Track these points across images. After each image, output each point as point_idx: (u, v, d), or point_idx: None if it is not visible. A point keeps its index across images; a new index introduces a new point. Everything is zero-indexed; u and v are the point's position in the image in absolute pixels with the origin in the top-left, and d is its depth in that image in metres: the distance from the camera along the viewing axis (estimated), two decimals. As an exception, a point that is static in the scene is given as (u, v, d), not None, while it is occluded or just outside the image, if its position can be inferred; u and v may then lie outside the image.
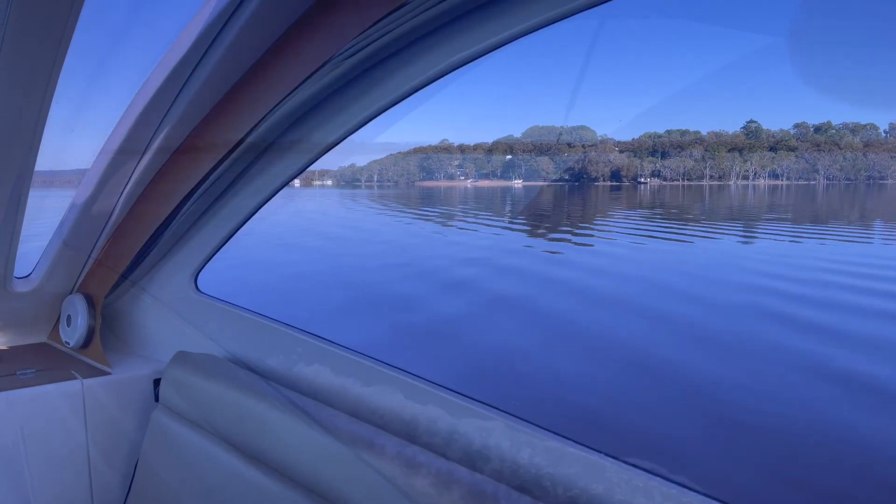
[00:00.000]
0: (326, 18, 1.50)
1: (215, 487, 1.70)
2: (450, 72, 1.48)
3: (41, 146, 1.74)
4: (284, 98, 1.63)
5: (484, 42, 1.37)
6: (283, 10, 1.51)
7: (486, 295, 11.24)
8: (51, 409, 1.93)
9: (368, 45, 1.47)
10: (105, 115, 1.93)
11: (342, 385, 1.79)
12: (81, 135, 1.92)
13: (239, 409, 1.71)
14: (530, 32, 1.32)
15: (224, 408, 1.75)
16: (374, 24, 1.42)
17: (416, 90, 1.54)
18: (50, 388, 1.95)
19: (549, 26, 1.36)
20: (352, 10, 1.46)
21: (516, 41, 1.42)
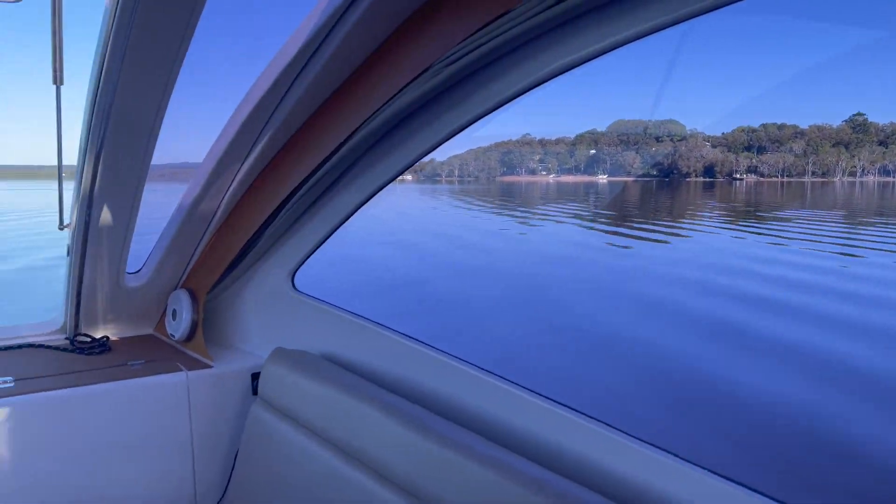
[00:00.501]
0: (429, 25, 1.48)
1: (313, 482, 1.71)
2: (552, 78, 1.42)
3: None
4: (385, 103, 1.62)
5: (590, 48, 1.30)
6: (386, 18, 1.50)
7: (803, 358, 7.10)
8: (158, 399, 1.94)
9: (470, 51, 1.43)
10: (211, 118, 1.97)
11: (437, 388, 1.77)
12: (186, 134, 1.96)
13: (336, 406, 1.66)
14: (637, 39, 1.25)
15: (321, 404, 1.70)
16: (477, 31, 1.39)
17: (518, 96, 1.49)
18: (158, 378, 1.95)
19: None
20: (454, 17, 1.44)
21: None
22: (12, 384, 1.82)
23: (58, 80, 1.65)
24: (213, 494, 2.04)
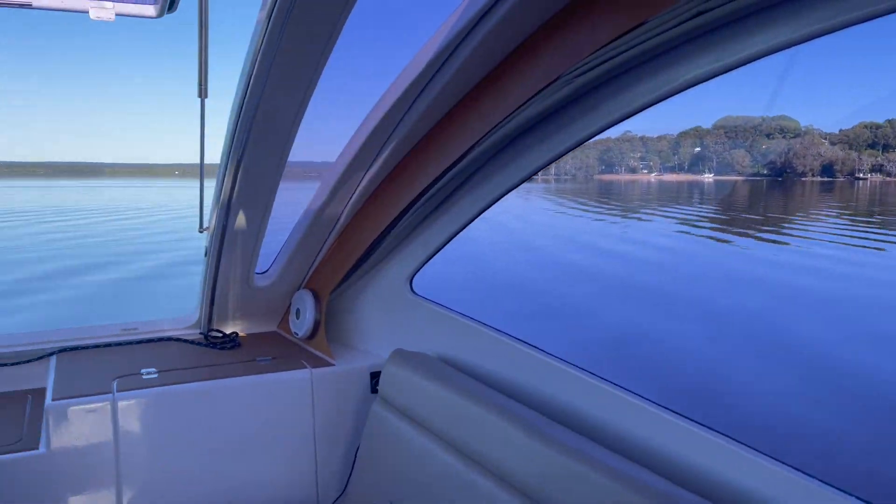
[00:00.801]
0: (558, 37, 1.43)
1: (432, 482, 1.67)
2: (681, 91, 1.36)
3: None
4: (510, 114, 1.57)
5: (728, 60, 1.24)
6: (515, 31, 1.46)
7: None
8: (284, 395, 2.00)
9: (600, 63, 1.37)
10: (339, 121, 2.02)
11: (556, 395, 1.71)
12: (312, 134, 2.01)
13: (456, 408, 1.66)
14: (772, 53, 1.18)
15: (441, 406, 1.71)
16: (609, 42, 1.34)
17: (647, 107, 1.43)
18: (284, 375, 2.02)
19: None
20: (585, 28, 1.41)
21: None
22: (156, 375, 1.94)
23: (202, 93, 1.73)
24: (335, 489, 2.09)
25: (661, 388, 6.04)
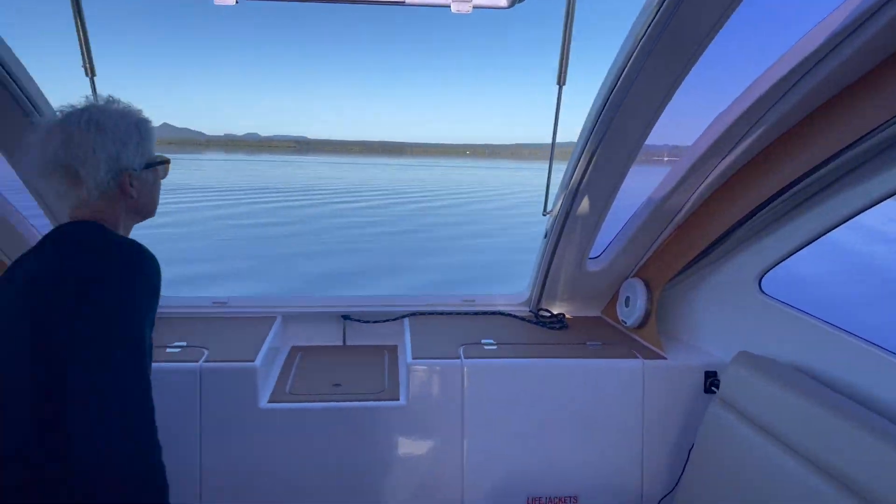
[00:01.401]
0: None
1: (778, 494, 1.58)
2: None
3: None
4: None
5: None
6: None
7: None
8: (613, 383, 2.00)
9: None
10: (696, 111, 1.92)
11: None
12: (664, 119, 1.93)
13: (812, 421, 1.53)
14: None
15: (794, 417, 1.59)
16: None
17: None
18: (615, 362, 2.02)
19: None
20: None
21: None
22: (495, 346, 2.09)
23: (561, 80, 1.77)
24: (662, 485, 2.04)
25: None
